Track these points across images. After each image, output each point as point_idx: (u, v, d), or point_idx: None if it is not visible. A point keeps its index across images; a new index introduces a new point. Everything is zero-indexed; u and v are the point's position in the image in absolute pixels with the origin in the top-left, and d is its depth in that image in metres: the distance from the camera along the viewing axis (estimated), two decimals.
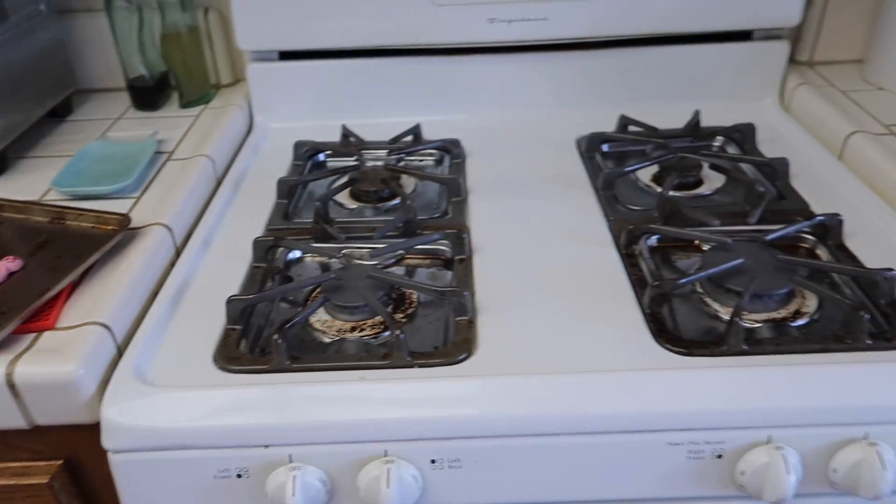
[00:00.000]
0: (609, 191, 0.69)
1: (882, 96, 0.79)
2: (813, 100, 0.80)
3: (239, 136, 0.82)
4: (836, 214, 0.61)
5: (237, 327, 0.52)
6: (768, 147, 0.77)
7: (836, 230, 0.60)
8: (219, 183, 0.74)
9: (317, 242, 0.63)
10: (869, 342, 0.49)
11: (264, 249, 0.61)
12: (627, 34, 0.80)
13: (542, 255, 0.61)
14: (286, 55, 0.83)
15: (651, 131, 0.78)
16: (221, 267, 0.61)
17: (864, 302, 0.54)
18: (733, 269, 0.55)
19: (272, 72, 0.83)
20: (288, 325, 0.50)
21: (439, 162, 0.79)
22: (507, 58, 0.83)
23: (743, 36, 0.83)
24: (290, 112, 0.85)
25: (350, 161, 0.77)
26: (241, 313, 0.53)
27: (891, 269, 0.53)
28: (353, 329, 0.54)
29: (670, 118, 0.80)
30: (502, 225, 0.65)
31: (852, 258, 0.58)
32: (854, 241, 0.61)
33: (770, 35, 0.82)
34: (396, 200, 0.70)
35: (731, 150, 0.78)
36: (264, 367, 0.49)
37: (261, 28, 0.80)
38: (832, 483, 0.47)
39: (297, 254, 0.63)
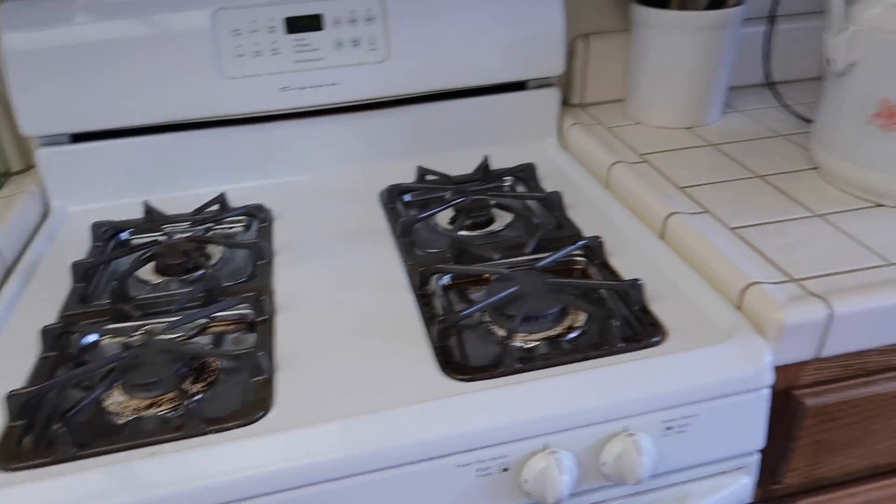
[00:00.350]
0: (407, 237, 0.74)
1: (639, 129, 0.91)
2: (584, 137, 0.90)
3: (32, 224, 0.79)
4: (598, 237, 0.69)
5: (19, 423, 0.50)
6: (550, 182, 0.85)
7: (599, 250, 0.68)
8: (8, 274, 0.71)
9: (115, 322, 0.62)
10: (621, 345, 0.56)
11: (54, 337, 0.59)
12: (416, 92, 0.87)
13: (344, 306, 0.64)
14: (79, 137, 0.82)
15: (445, 178, 0.84)
16: (7, 363, 0.58)
17: (621, 311, 0.62)
18: (510, 297, 0.61)
19: (65, 155, 0.82)
20: (71, 412, 0.49)
21: (248, 227, 0.81)
22: (307, 122, 0.86)
23: (519, 86, 0.92)
24: (89, 194, 0.83)
25: (156, 236, 0.77)
26: (24, 407, 0.51)
27: (638, 280, 0.61)
28: (150, 406, 0.54)
29: (467, 164, 0.87)
30: (307, 282, 0.68)
31: (613, 273, 0.66)
32: (617, 257, 0.69)
33: (542, 84, 0.92)
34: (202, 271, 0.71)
35: (520, 188, 0.86)
36: (47, 459, 0.47)
37: (46, 112, 0.78)
38: (605, 476, 0.53)
39: (92, 338, 0.62)
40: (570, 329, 0.60)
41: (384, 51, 0.83)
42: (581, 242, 0.68)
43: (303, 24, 0.80)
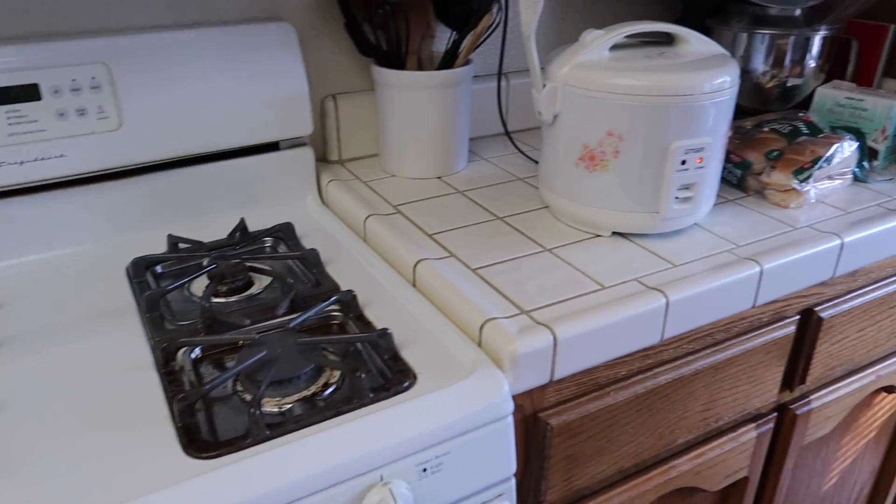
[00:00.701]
0: (154, 312, 0.69)
1: (393, 182, 0.95)
2: (341, 192, 0.92)
3: None
4: (350, 291, 0.70)
5: None
6: (311, 239, 0.86)
7: (353, 303, 0.70)
8: None
9: None
10: (372, 396, 0.57)
11: None
12: (157, 159, 0.83)
13: (77, 398, 0.58)
14: None
15: (198, 245, 0.81)
16: None
17: (375, 362, 0.63)
18: (260, 362, 0.60)
19: None
20: None
21: None
22: (35, 198, 0.79)
23: (273, 147, 0.92)
24: None
25: None
26: None
27: (386, 329, 0.63)
28: None
29: (226, 229, 0.85)
30: (34, 377, 0.61)
31: (368, 324, 0.68)
32: (372, 308, 0.70)
33: (295, 144, 0.93)
34: None
35: (281, 248, 0.86)
36: None
37: None
38: None
39: None
40: (326, 386, 0.60)
41: (116, 119, 0.79)
42: (334, 298, 0.69)
43: (15, 95, 0.73)
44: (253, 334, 0.63)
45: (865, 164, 0.96)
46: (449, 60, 0.93)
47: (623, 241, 0.79)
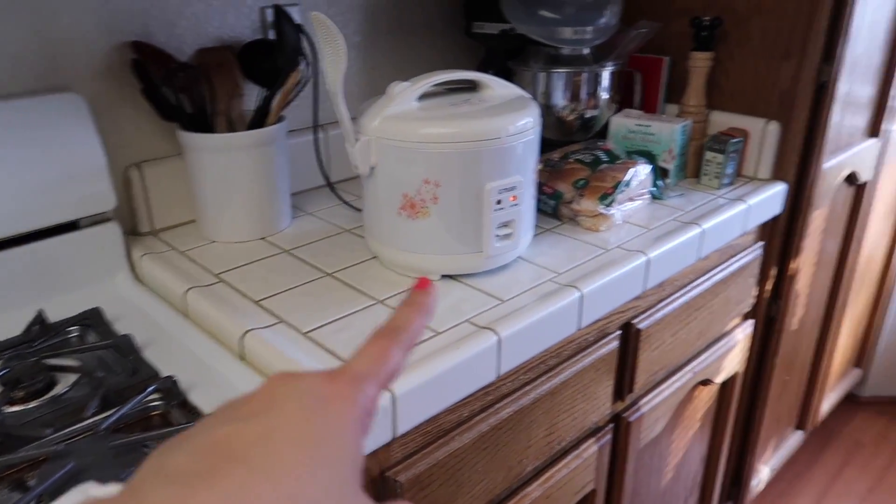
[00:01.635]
0: None
1: (214, 248, 0.90)
2: (156, 267, 0.85)
3: None
4: (170, 377, 0.65)
5: None
6: (125, 323, 0.79)
7: (175, 390, 0.65)
8: None
9: None
10: None
11: None
12: None
13: None
14: None
15: None
16: None
17: None
18: (67, 476, 0.53)
19: None
20: None
21: None
22: None
23: (72, 226, 0.84)
24: None
25: None
26: None
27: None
28: None
29: (22, 325, 0.76)
30: None
31: (193, 411, 0.63)
32: (198, 392, 0.66)
33: (97, 220, 0.85)
34: None
35: (91, 337, 0.78)
36: None
37: None
38: None
39: None
40: None
41: None
42: (152, 387, 0.63)
43: None
44: (57, 444, 0.57)
45: (659, 183, 1.06)
46: (260, 118, 0.90)
47: (453, 282, 0.80)
